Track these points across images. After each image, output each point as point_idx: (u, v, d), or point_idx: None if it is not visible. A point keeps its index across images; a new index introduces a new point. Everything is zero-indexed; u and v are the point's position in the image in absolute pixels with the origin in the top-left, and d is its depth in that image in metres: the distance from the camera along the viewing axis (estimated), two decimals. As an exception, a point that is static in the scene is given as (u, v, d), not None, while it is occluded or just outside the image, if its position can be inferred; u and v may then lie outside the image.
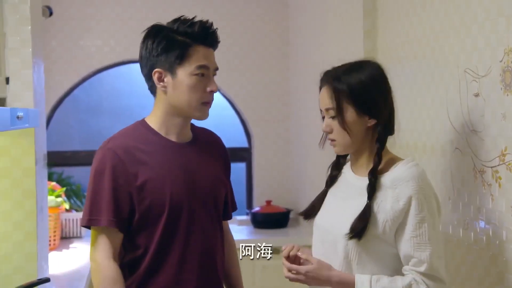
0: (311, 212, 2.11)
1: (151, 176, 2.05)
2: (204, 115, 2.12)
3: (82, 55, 4.64)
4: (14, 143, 2.74)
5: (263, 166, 4.85)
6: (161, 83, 2.07)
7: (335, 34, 3.58)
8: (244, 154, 4.94)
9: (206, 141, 2.24)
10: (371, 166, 1.95)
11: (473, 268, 2.17)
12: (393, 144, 2.81)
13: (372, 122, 1.96)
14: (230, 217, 2.35)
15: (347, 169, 2.09)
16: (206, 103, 2.09)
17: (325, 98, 1.98)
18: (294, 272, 1.99)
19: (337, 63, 2.06)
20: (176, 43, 2.04)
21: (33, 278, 2.61)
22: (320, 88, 2.02)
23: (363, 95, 1.94)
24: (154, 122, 2.13)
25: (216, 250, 2.17)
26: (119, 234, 2.04)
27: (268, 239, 4.29)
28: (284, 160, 4.82)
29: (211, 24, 2.11)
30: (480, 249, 2.12)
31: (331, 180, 2.11)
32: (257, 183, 4.86)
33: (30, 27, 2.73)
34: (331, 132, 1.99)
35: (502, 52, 1.96)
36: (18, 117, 2.22)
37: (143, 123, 2.15)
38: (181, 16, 2.11)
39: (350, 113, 1.94)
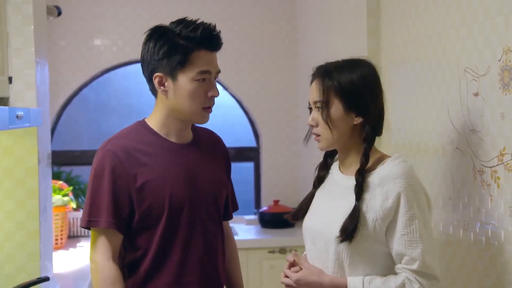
0: (299, 213, 2.10)
1: (150, 177, 2.04)
2: (204, 120, 2.10)
3: (91, 54, 4.66)
4: (17, 143, 2.75)
5: (271, 166, 4.84)
6: (162, 87, 2.05)
7: (340, 34, 3.56)
8: (252, 154, 4.93)
9: (207, 141, 2.23)
10: (359, 165, 1.93)
11: (474, 269, 2.15)
12: (394, 144, 2.80)
13: (358, 120, 1.94)
14: (230, 217, 2.34)
15: (335, 169, 2.08)
16: (207, 108, 2.07)
17: (314, 91, 1.97)
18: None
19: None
20: (178, 48, 2.00)
21: (35, 277, 2.62)
22: (311, 83, 2.01)
23: (352, 92, 1.93)
24: (154, 123, 2.11)
25: (218, 251, 2.16)
26: (119, 235, 2.04)
27: (275, 238, 4.28)
28: (292, 160, 4.81)
29: (214, 27, 2.06)
30: (479, 250, 2.10)
31: (319, 181, 2.10)
32: (265, 182, 4.85)
33: (33, 27, 2.74)
34: (316, 126, 1.97)
35: (500, 51, 1.95)
36: (17, 117, 2.23)
37: (143, 124, 2.13)
38: (185, 18, 2.07)
39: (337, 108, 1.93)
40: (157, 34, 2.05)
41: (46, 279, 2.44)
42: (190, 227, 2.07)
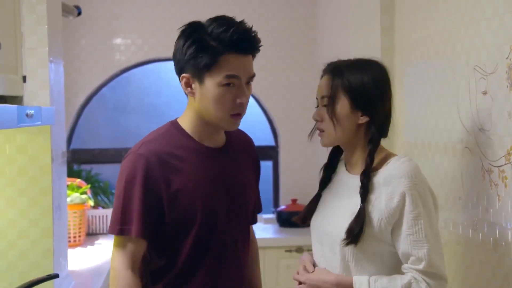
0: (306, 216, 2.09)
1: (184, 184, 1.93)
2: (232, 127, 1.96)
3: (110, 53, 4.69)
4: (31, 141, 2.78)
5: (289, 164, 4.83)
6: (189, 89, 1.93)
7: (354, 32, 3.54)
8: (270, 153, 4.92)
9: (239, 144, 2.12)
10: (364, 165, 1.92)
11: (482, 269, 2.12)
12: (407, 143, 2.78)
13: (364, 119, 1.92)
14: (255, 221, 2.23)
15: (340, 167, 2.07)
16: (236, 115, 1.92)
17: (322, 87, 1.96)
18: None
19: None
20: (206, 49, 1.86)
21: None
22: (321, 78, 2.00)
23: (360, 92, 1.91)
24: (187, 125, 2.00)
25: (245, 262, 2.09)
26: (144, 243, 1.94)
27: (292, 237, 4.28)
28: (310, 159, 4.79)
29: (249, 29, 1.90)
30: (488, 250, 2.08)
31: (325, 181, 2.09)
32: (283, 181, 4.85)
33: (47, 26, 2.77)
34: (321, 121, 1.96)
35: (508, 49, 1.92)
36: (27, 115, 2.25)
37: (176, 125, 2.01)
38: (221, 16, 1.93)
39: (343, 105, 1.92)
40: (188, 32, 1.92)
41: (56, 276, 2.46)
42: (222, 238, 1.97)
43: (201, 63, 1.87)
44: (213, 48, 1.86)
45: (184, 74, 1.92)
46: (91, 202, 4.24)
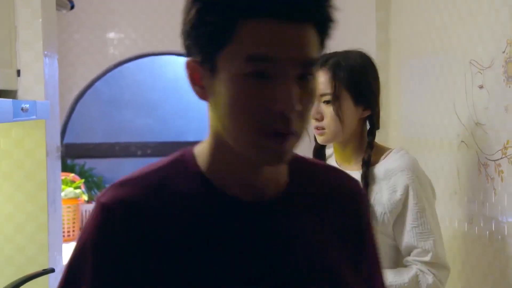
0: None
1: (178, 265, 1.02)
2: (269, 159, 1.01)
3: (104, 47, 4.67)
4: (27, 135, 2.77)
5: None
6: (197, 87, 1.04)
7: (350, 27, 3.54)
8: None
9: (320, 193, 1.16)
10: (359, 158, 1.92)
11: (478, 264, 2.13)
12: (403, 137, 2.78)
13: (366, 113, 1.93)
14: None
15: (331, 163, 2.06)
16: (276, 135, 0.97)
17: (322, 83, 1.92)
18: None
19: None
20: (215, 11, 0.97)
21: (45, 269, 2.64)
22: None
23: (361, 84, 1.91)
24: (203, 156, 1.08)
25: None
26: None
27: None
28: (306, 154, 4.78)
29: None
30: (483, 244, 2.08)
31: None
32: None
33: (41, 20, 2.75)
34: (321, 119, 1.93)
35: (505, 43, 1.92)
36: (22, 109, 2.24)
37: (186, 156, 1.10)
38: None
39: (347, 102, 1.90)
40: None
41: (52, 270, 2.45)
42: None
43: (207, 36, 0.98)
44: (226, 8, 0.97)
45: (188, 60, 1.03)
46: (85, 197, 4.23)
